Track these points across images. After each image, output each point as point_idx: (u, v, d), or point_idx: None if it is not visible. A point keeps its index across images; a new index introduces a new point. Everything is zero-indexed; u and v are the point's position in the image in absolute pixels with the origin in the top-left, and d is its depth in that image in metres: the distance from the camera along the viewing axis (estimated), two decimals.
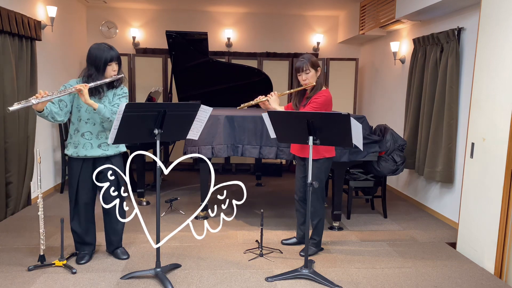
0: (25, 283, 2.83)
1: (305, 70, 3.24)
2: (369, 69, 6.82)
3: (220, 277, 2.99)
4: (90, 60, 2.98)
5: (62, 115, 2.97)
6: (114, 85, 3.08)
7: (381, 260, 3.38)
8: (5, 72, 4.01)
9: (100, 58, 2.95)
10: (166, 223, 4.13)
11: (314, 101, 3.24)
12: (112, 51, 2.99)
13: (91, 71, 2.97)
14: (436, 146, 4.49)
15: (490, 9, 3.25)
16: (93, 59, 2.97)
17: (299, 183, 3.49)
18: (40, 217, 3.06)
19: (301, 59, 3.27)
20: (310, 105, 3.25)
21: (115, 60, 3.00)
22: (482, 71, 3.33)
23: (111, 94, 3.08)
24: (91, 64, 2.98)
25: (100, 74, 2.97)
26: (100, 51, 2.96)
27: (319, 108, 3.21)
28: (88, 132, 3.03)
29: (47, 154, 5.13)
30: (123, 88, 3.14)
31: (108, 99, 3.06)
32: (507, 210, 3.10)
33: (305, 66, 3.24)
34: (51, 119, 2.90)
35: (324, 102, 3.23)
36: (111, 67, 2.99)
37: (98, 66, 2.96)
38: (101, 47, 2.98)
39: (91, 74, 2.97)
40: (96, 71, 2.97)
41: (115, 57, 3.00)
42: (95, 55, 2.96)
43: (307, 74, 3.25)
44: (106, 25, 6.79)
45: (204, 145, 3.98)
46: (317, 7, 6.54)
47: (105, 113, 2.90)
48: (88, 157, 3.06)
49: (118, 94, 3.09)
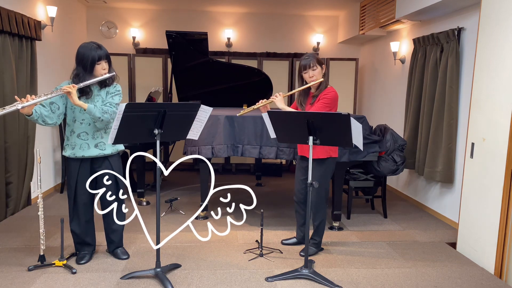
0: (25, 283, 2.83)
1: (312, 66, 3.25)
2: (369, 69, 6.82)
3: (220, 277, 2.99)
4: (77, 60, 2.94)
5: (54, 118, 2.94)
6: (106, 84, 3.05)
7: (381, 260, 3.38)
8: (5, 72, 4.01)
9: (88, 57, 2.90)
10: (166, 223, 4.13)
11: (324, 97, 3.25)
12: (100, 50, 2.94)
13: (79, 70, 2.94)
14: (436, 146, 4.49)
15: (490, 9, 3.25)
16: (80, 58, 2.93)
17: (300, 185, 3.48)
18: (40, 217, 3.06)
19: (306, 57, 3.28)
20: (321, 101, 3.25)
21: (104, 58, 2.95)
22: (482, 71, 3.33)
23: (104, 93, 3.05)
24: (79, 63, 2.94)
25: (87, 74, 2.93)
26: (88, 50, 2.91)
27: (329, 103, 3.22)
28: (84, 133, 3.02)
29: (47, 154, 5.14)
30: (116, 86, 3.10)
31: (102, 98, 3.03)
32: (507, 210, 3.10)
33: (312, 63, 3.25)
34: (41, 122, 2.87)
35: (333, 98, 3.25)
36: (100, 65, 2.95)
37: (85, 65, 2.92)
38: (88, 46, 2.94)
39: (79, 73, 2.93)
40: (84, 71, 2.92)
41: (103, 56, 2.94)
42: (82, 54, 2.92)
43: (314, 70, 3.26)
44: (106, 25, 6.79)
45: (204, 145, 3.98)
46: (317, 7, 6.54)
47: (95, 113, 2.87)
48: (86, 157, 3.05)
49: (111, 92, 3.06)
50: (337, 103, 3.31)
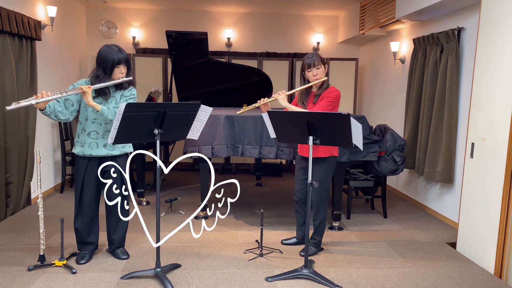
0: (25, 283, 2.83)
1: (317, 65, 3.27)
2: (369, 69, 6.82)
3: (220, 277, 2.99)
4: (98, 61, 3.00)
5: (67, 114, 2.99)
6: (122, 87, 3.09)
7: (381, 260, 3.38)
8: (5, 72, 4.01)
9: (108, 60, 2.95)
10: (166, 223, 4.13)
11: (328, 95, 3.26)
12: (121, 53, 2.99)
13: (99, 72, 2.99)
14: (436, 146, 4.49)
15: (490, 9, 3.25)
16: (101, 60, 2.98)
17: (300, 185, 3.48)
18: (40, 217, 3.06)
19: (310, 56, 3.29)
20: (324, 100, 3.26)
21: (123, 62, 3.00)
22: (482, 71, 3.33)
23: (118, 95, 3.08)
24: (99, 65, 2.99)
25: (107, 76, 2.98)
26: (109, 53, 2.97)
27: (333, 102, 3.24)
28: (94, 132, 3.04)
29: (47, 154, 5.14)
30: (131, 90, 3.13)
31: (116, 100, 3.07)
32: (507, 210, 3.10)
33: (317, 61, 3.26)
34: (54, 117, 2.92)
35: (337, 97, 3.27)
36: (118, 69, 2.99)
37: (105, 67, 2.96)
38: (110, 49, 2.99)
39: (99, 75, 2.98)
40: (104, 73, 2.98)
41: (123, 60, 2.99)
42: (103, 57, 2.97)
43: (318, 69, 3.27)
44: (106, 25, 6.79)
45: (204, 145, 3.99)
46: (317, 7, 6.54)
47: (108, 115, 2.92)
48: (94, 156, 3.07)
49: (126, 96, 3.10)
50: (339, 102, 3.32)
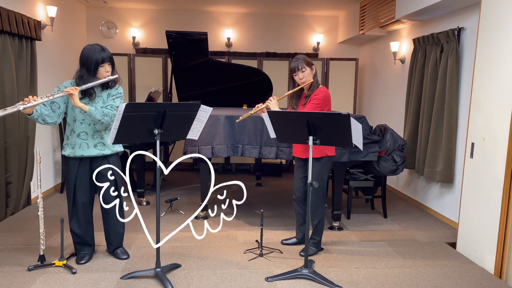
0: (25, 283, 2.83)
1: (301, 68, 3.28)
2: (369, 69, 6.82)
3: (220, 277, 2.99)
4: (81, 62, 2.96)
5: (54, 117, 2.96)
6: (109, 86, 3.06)
7: (381, 260, 3.38)
8: (5, 72, 4.01)
9: (91, 59, 2.92)
10: (166, 223, 4.13)
11: (314, 97, 3.27)
12: (104, 52, 2.96)
13: (83, 72, 2.96)
14: (436, 146, 4.49)
15: (490, 9, 3.25)
16: (84, 60, 2.95)
17: (299, 183, 3.49)
18: (40, 217, 3.06)
19: (295, 60, 3.32)
20: (311, 103, 3.27)
21: (107, 61, 2.97)
22: (482, 71, 3.33)
23: (105, 95, 3.06)
24: (83, 65, 2.96)
25: (91, 76, 2.95)
26: (91, 52, 2.93)
27: (320, 104, 3.24)
28: (84, 133, 3.02)
29: (47, 154, 5.13)
30: (118, 88, 3.11)
31: (103, 100, 3.04)
32: (507, 210, 3.10)
33: (301, 65, 3.27)
34: (41, 121, 2.89)
35: (324, 98, 3.26)
36: (103, 68, 2.96)
37: (89, 67, 2.94)
38: (93, 48, 2.96)
39: (83, 75, 2.95)
40: (87, 73, 2.95)
41: (106, 58, 2.96)
42: (86, 56, 2.94)
43: (303, 72, 3.28)
44: (106, 25, 6.79)
45: (204, 145, 3.99)
46: (317, 7, 6.54)
47: (95, 115, 2.89)
48: (85, 157, 3.06)
49: (113, 95, 3.07)
50: (330, 102, 3.32)
